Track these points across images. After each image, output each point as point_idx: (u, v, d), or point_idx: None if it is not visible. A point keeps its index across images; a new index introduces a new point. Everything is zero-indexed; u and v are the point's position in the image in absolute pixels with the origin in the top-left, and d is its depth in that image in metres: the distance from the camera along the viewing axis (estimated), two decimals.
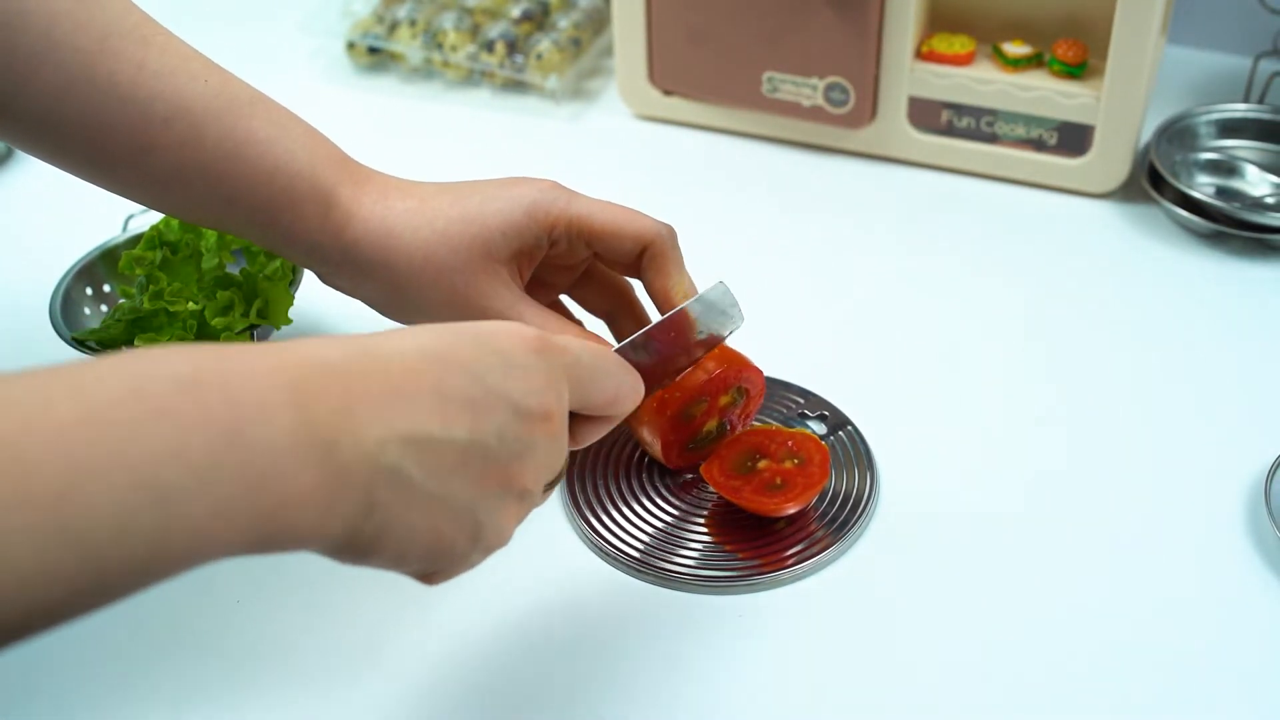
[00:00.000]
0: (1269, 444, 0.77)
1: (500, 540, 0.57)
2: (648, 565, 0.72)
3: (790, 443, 0.75)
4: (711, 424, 0.76)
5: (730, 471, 0.75)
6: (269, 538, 0.47)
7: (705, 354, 0.71)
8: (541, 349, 0.57)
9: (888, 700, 0.66)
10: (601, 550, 0.74)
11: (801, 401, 0.81)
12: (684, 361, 0.70)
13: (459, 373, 0.53)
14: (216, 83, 0.69)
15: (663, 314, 0.72)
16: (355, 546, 0.51)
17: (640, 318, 0.78)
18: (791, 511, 0.73)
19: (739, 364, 0.75)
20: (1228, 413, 0.81)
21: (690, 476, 0.78)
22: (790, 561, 0.72)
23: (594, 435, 0.63)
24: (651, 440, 0.75)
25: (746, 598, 0.71)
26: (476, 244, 0.71)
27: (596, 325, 0.79)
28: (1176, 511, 0.75)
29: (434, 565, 0.55)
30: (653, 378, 0.68)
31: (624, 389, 0.63)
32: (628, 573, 0.73)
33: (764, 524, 0.74)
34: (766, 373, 0.77)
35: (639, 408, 0.69)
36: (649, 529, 0.74)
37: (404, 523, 0.51)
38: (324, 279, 0.74)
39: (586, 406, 0.60)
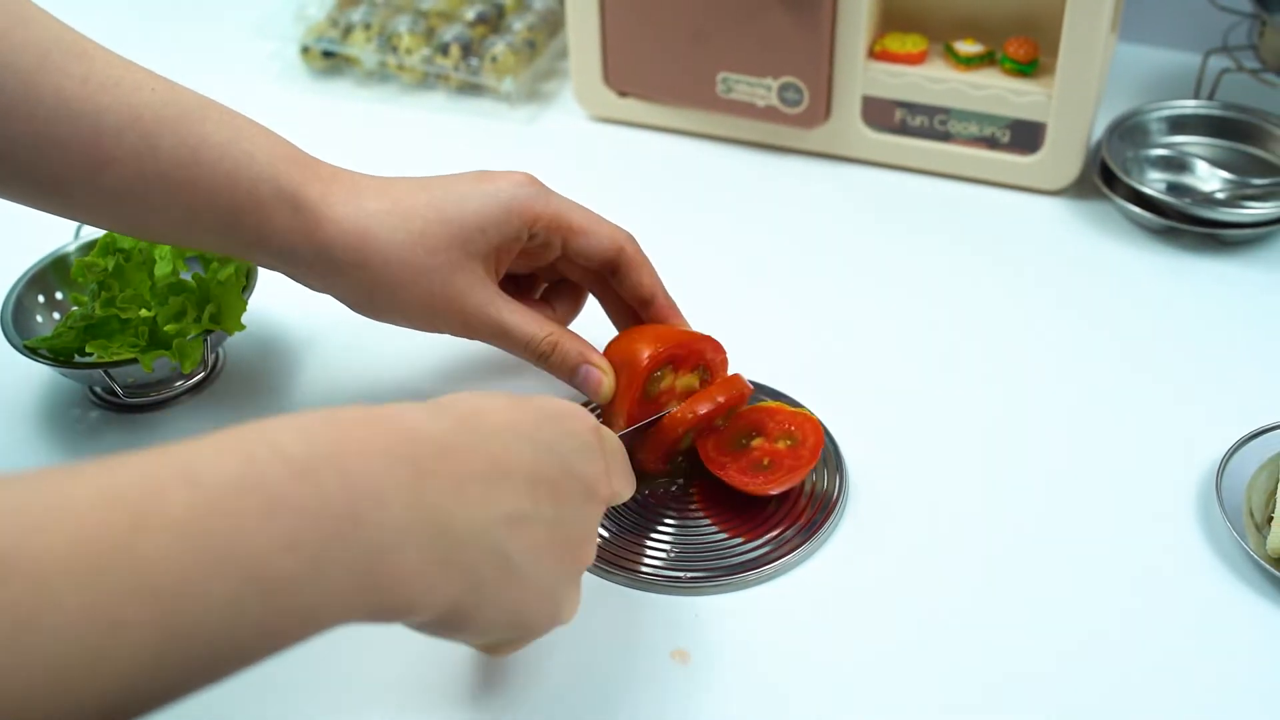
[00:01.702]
0: (1220, 438, 0.78)
1: (571, 614, 0.60)
2: (612, 565, 0.72)
3: (790, 424, 0.75)
4: (673, 405, 0.75)
5: (723, 447, 0.76)
6: (376, 613, 0.49)
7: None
8: (599, 434, 0.60)
9: (853, 701, 0.66)
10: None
11: (766, 401, 0.82)
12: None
13: (546, 453, 0.56)
14: (164, 91, 0.68)
15: (644, 310, 0.78)
16: (452, 621, 0.53)
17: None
18: (774, 493, 0.73)
19: (740, 390, 0.76)
20: (1179, 407, 0.82)
21: (658, 487, 0.77)
22: (759, 562, 0.72)
23: None
24: (615, 428, 0.76)
25: (711, 599, 0.71)
26: (455, 243, 0.71)
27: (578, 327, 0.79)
28: (1129, 505, 0.76)
29: (513, 636, 0.58)
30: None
31: (629, 483, 0.65)
32: (595, 572, 0.72)
33: (730, 521, 0.74)
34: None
35: (648, 434, 0.74)
36: (614, 529, 0.74)
37: (500, 599, 0.54)
38: (295, 278, 0.74)
39: (611, 495, 0.62)
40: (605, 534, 0.74)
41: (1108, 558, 0.73)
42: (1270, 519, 0.73)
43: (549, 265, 0.79)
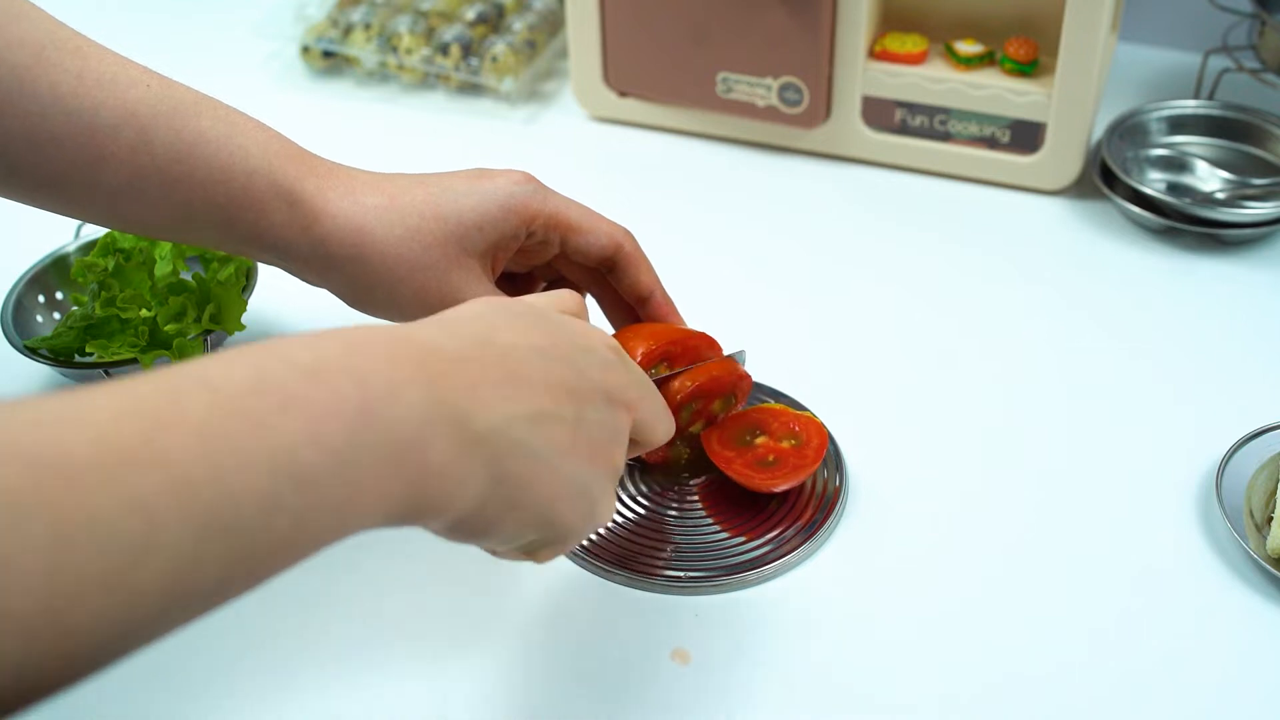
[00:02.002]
0: (1220, 437, 0.78)
1: (607, 516, 0.60)
2: (613, 565, 0.72)
3: (794, 425, 0.76)
4: (698, 425, 0.77)
5: (728, 442, 0.76)
6: (407, 511, 0.49)
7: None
8: (619, 352, 0.62)
9: (853, 700, 0.66)
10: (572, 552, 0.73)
11: (770, 402, 0.81)
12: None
13: (563, 364, 0.57)
14: (159, 87, 0.68)
15: (642, 308, 0.78)
16: (482, 518, 0.53)
17: None
18: (779, 490, 0.74)
19: (738, 372, 0.76)
20: (1180, 407, 0.82)
21: (658, 485, 0.77)
22: (759, 562, 0.72)
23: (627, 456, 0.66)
24: None
25: (711, 599, 0.71)
26: (451, 240, 0.71)
27: None
28: (1129, 505, 0.76)
29: (550, 536, 0.58)
30: None
31: (663, 420, 0.65)
32: (595, 572, 0.72)
33: (731, 520, 0.74)
34: None
35: None
36: (616, 530, 0.74)
37: (529, 496, 0.54)
38: (291, 273, 0.74)
39: (639, 422, 0.63)
40: (606, 531, 0.74)
41: (1108, 557, 0.73)
42: (1270, 519, 0.73)
43: (546, 264, 0.79)
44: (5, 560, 0.37)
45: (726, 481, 0.75)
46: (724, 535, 0.73)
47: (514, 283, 0.80)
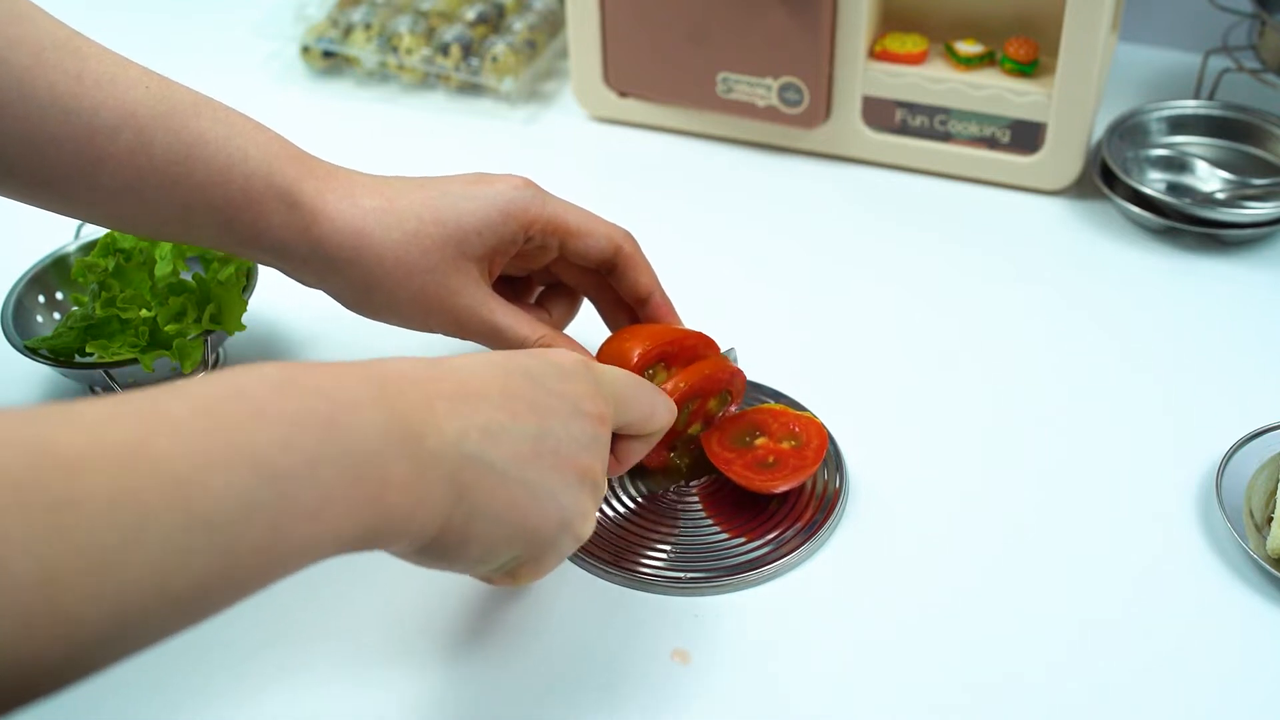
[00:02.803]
0: (1220, 438, 0.78)
1: (586, 528, 0.61)
2: (612, 565, 0.72)
3: (794, 425, 0.76)
4: (696, 427, 0.77)
5: (728, 443, 0.76)
6: (372, 528, 0.50)
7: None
8: (587, 364, 0.62)
9: (853, 700, 0.66)
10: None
11: (770, 403, 0.81)
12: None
13: (521, 377, 0.58)
14: (158, 88, 0.68)
15: (640, 309, 0.78)
16: (448, 538, 0.54)
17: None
18: (780, 491, 0.74)
19: (731, 369, 0.76)
20: (1180, 407, 0.82)
21: (658, 488, 0.77)
22: (759, 563, 0.72)
23: (637, 454, 0.68)
24: None
25: (711, 599, 0.71)
26: (449, 244, 0.72)
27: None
28: (1129, 505, 0.76)
29: (525, 552, 0.59)
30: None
31: (658, 405, 0.67)
32: (595, 573, 0.72)
33: (731, 521, 0.74)
34: None
35: None
36: (616, 530, 0.74)
37: (491, 509, 0.55)
38: (289, 274, 0.74)
39: (626, 424, 0.64)
40: (607, 531, 0.74)
41: (1108, 558, 0.73)
42: (1270, 519, 0.73)
43: (543, 269, 0.79)
44: (4, 536, 0.39)
45: (726, 482, 0.75)
46: (724, 536, 0.73)
47: (511, 287, 0.80)
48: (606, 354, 0.76)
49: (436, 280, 0.72)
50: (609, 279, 0.78)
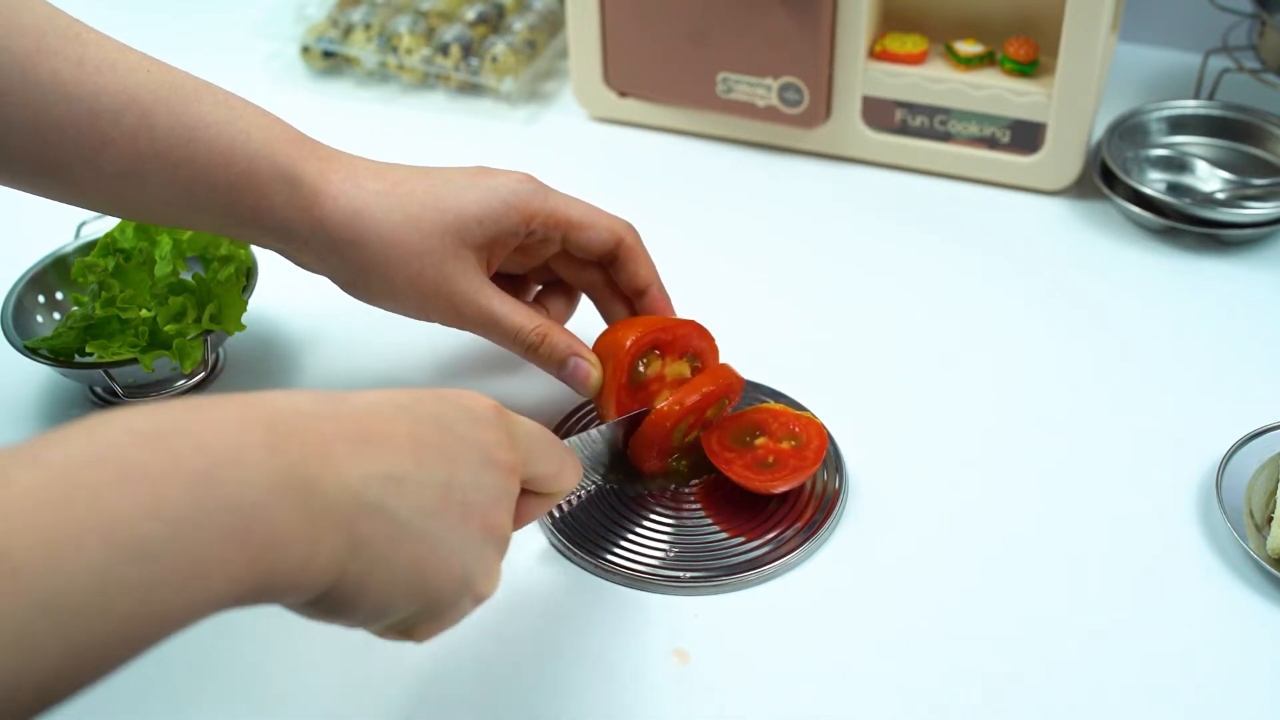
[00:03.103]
0: (1220, 437, 0.78)
1: (490, 586, 0.57)
2: (612, 565, 0.72)
3: (794, 425, 0.76)
4: (693, 435, 0.77)
5: (728, 443, 0.76)
6: (258, 586, 0.46)
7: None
8: (500, 411, 0.58)
9: (853, 700, 0.66)
10: (563, 549, 0.73)
11: (770, 403, 0.81)
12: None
13: (430, 422, 0.54)
14: (159, 72, 0.69)
15: (638, 301, 0.78)
16: (342, 592, 0.50)
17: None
18: (779, 491, 0.74)
19: (728, 379, 0.76)
20: (1180, 407, 0.82)
21: (656, 488, 0.77)
22: (759, 562, 0.72)
23: (534, 514, 0.63)
24: (643, 455, 0.76)
25: (711, 599, 0.71)
26: (449, 231, 0.72)
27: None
28: (1129, 505, 0.76)
29: (423, 609, 0.54)
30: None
31: (567, 466, 0.63)
32: (595, 572, 0.72)
33: (731, 521, 0.74)
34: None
35: (640, 428, 0.74)
36: (615, 529, 0.74)
37: (390, 562, 0.51)
38: (289, 257, 0.74)
39: (532, 478, 0.60)
40: (606, 529, 0.74)
41: (1108, 558, 0.73)
42: (1270, 519, 0.73)
43: (542, 266, 0.79)
44: None
45: (726, 482, 0.75)
46: (723, 535, 0.73)
47: (509, 284, 0.80)
48: (601, 345, 0.76)
49: (434, 264, 0.72)
50: (609, 270, 0.79)
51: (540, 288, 0.83)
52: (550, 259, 0.79)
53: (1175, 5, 1.13)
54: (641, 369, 0.75)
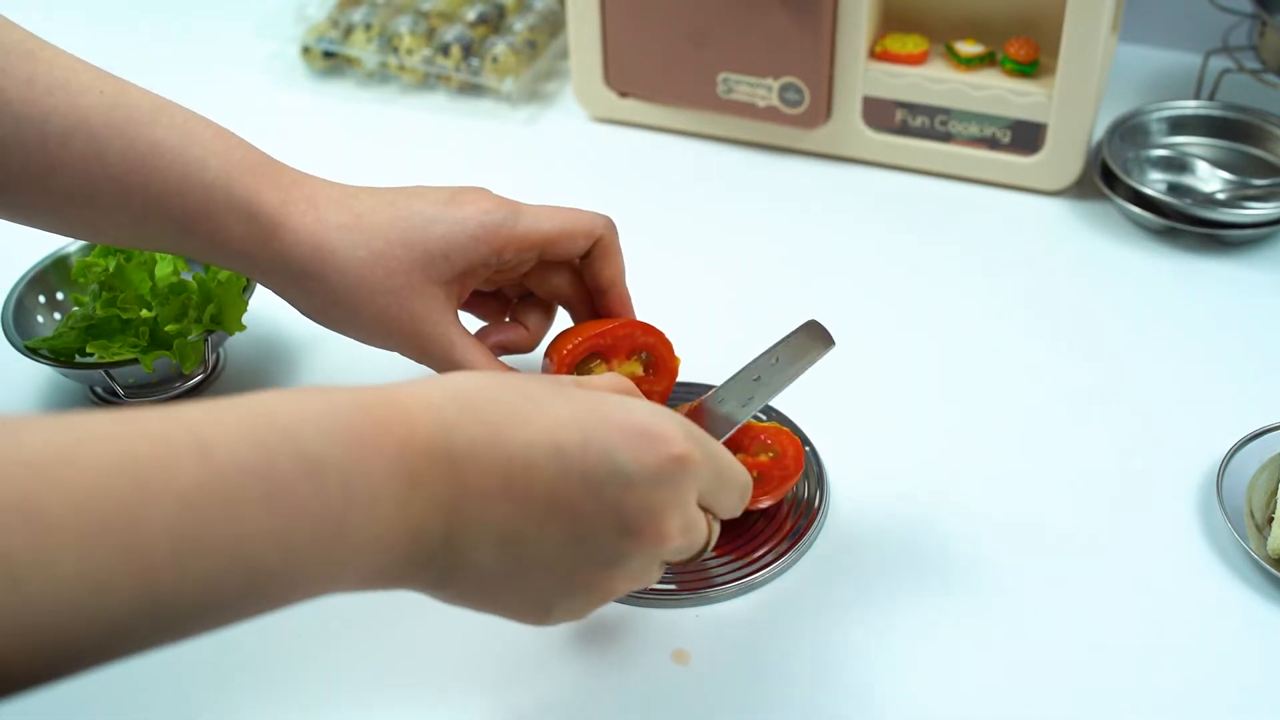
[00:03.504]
0: (1221, 438, 0.78)
1: (573, 619, 0.59)
2: None
3: (765, 436, 0.75)
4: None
5: None
6: (338, 592, 0.50)
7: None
8: (680, 464, 0.55)
9: (853, 700, 0.66)
10: None
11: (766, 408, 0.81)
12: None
13: (578, 480, 0.53)
14: (113, 92, 0.67)
15: (599, 299, 0.76)
16: (428, 592, 0.54)
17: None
18: (765, 505, 0.73)
19: (620, 327, 0.74)
20: (1180, 407, 0.82)
21: None
22: (746, 573, 0.71)
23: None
24: None
25: (690, 611, 0.70)
26: (415, 267, 0.70)
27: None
28: (1130, 505, 0.76)
29: (515, 619, 0.57)
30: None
31: (736, 506, 0.62)
32: None
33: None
34: (721, 373, 0.76)
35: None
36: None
37: (475, 599, 0.55)
38: (256, 281, 0.73)
39: (710, 510, 0.60)
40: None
41: (1108, 558, 0.73)
42: (1271, 519, 0.73)
43: (516, 281, 0.77)
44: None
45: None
46: (709, 555, 0.71)
47: (486, 300, 0.79)
48: (548, 354, 0.75)
49: (400, 303, 0.70)
50: (580, 262, 0.76)
51: (516, 301, 0.80)
52: (524, 275, 0.76)
53: (1175, 6, 1.13)
54: (586, 374, 0.73)
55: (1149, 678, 0.66)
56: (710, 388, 0.76)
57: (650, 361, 0.76)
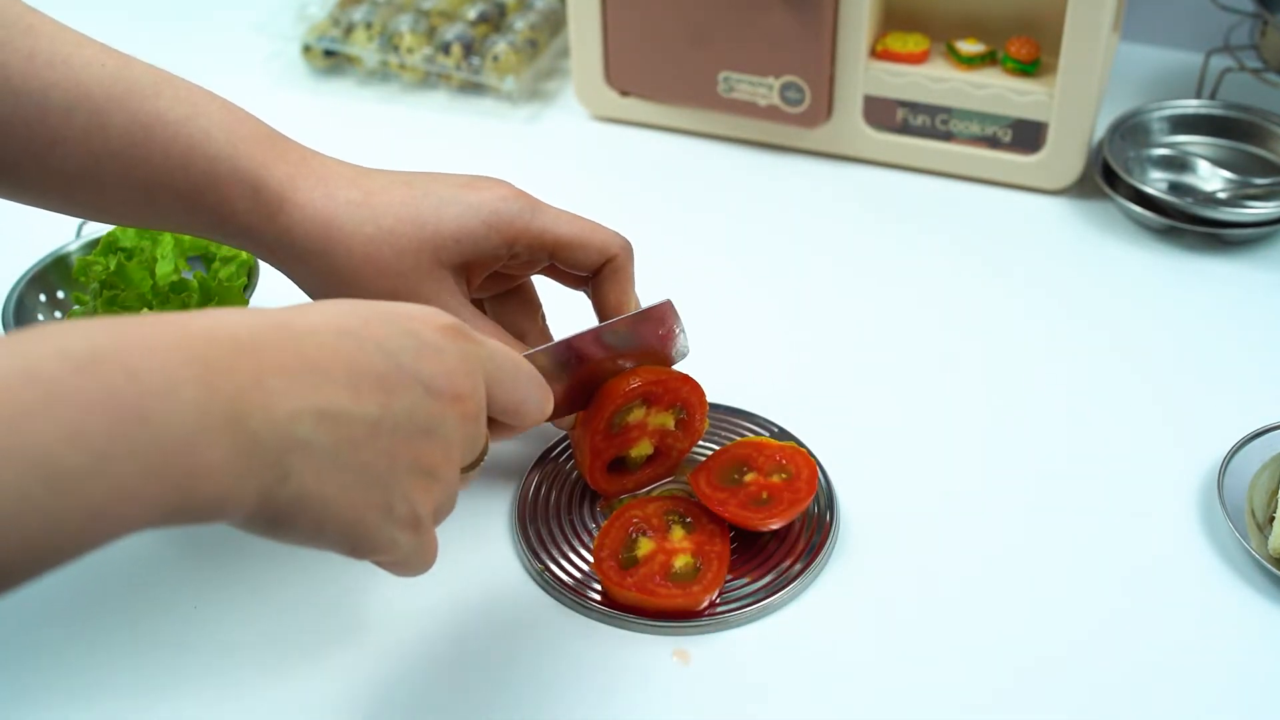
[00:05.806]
0: (1222, 437, 0.78)
1: (414, 519, 0.55)
2: (593, 601, 0.70)
3: (780, 458, 0.73)
4: (645, 446, 0.74)
5: (716, 483, 0.73)
6: (178, 511, 0.46)
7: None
8: (456, 335, 0.56)
9: (853, 700, 0.66)
10: (545, 584, 0.71)
11: (764, 421, 0.80)
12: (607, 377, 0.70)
13: (373, 350, 0.52)
14: (115, 66, 0.65)
15: (603, 319, 0.73)
16: (270, 517, 0.50)
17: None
18: (775, 527, 0.71)
19: (674, 379, 0.73)
20: (1182, 407, 0.82)
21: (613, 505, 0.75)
22: (760, 596, 0.70)
23: (497, 438, 0.61)
24: (580, 457, 0.73)
25: (691, 639, 0.69)
26: (425, 248, 0.68)
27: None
28: (1130, 505, 0.76)
29: (354, 542, 0.53)
30: (572, 394, 0.69)
31: (532, 398, 0.61)
32: (573, 608, 0.70)
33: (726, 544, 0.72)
34: (721, 380, 0.76)
35: (576, 419, 0.69)
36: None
37: (318, 493, 0.50)
38: (261, 259, 0.72)
39: (491, 407, 0.58)
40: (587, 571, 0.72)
41: (1109, 558, 0.73)
42: (1272, 519, 0.73)
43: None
44: None
45: (711, 517, 0.72)
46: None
47: (505, 284, 0.77)
48: (601, 392, 0.72)
49: (408, 284, 0.68)
50: (590, 279, 0.74)
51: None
52: (542, 271, 0.75)
53: (1177, 5, 1.13)
54: (623, 414, 0.72)
55: (1149, 676, 0.66)
56: (704, 388, 0.75)
57: (682, 420, 0.74)
